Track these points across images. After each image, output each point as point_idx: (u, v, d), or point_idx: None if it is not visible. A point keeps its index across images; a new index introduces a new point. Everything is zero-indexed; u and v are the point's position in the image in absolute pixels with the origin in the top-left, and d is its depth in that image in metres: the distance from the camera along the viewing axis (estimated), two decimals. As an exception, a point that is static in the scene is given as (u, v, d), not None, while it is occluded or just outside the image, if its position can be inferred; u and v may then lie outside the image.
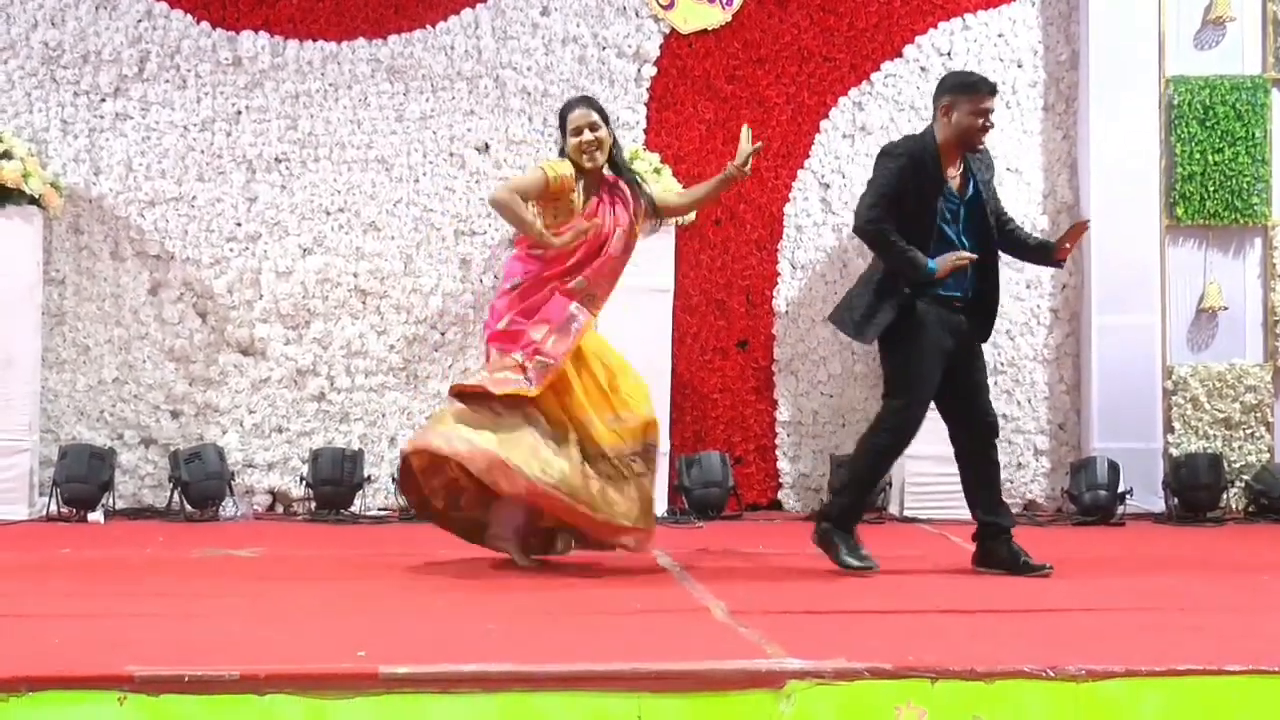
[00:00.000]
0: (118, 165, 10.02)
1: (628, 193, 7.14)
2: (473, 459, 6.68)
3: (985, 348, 7.15)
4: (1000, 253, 7.13)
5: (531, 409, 6.81)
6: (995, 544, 6.98)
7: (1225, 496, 10.01)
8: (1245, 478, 10.22)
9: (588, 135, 6.94)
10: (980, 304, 7.04)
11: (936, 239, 6.86)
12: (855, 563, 6.83)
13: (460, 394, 6.97)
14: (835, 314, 7.21)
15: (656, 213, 7.35)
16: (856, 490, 7.04)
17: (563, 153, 7.10)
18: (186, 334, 10.05)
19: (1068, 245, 7.14)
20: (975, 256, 6.86)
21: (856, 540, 6.93)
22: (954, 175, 6.94)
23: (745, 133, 7.07)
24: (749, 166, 7.08)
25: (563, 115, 7.09)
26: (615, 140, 7.14)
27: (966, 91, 6.89)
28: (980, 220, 7.00)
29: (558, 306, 6.94)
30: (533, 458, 6.67)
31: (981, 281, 7.00)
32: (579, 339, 6.92)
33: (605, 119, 7.04)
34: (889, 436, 7.00)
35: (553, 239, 6.86)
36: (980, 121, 6.86)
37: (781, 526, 9.54)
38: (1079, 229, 7.17)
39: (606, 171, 7.11)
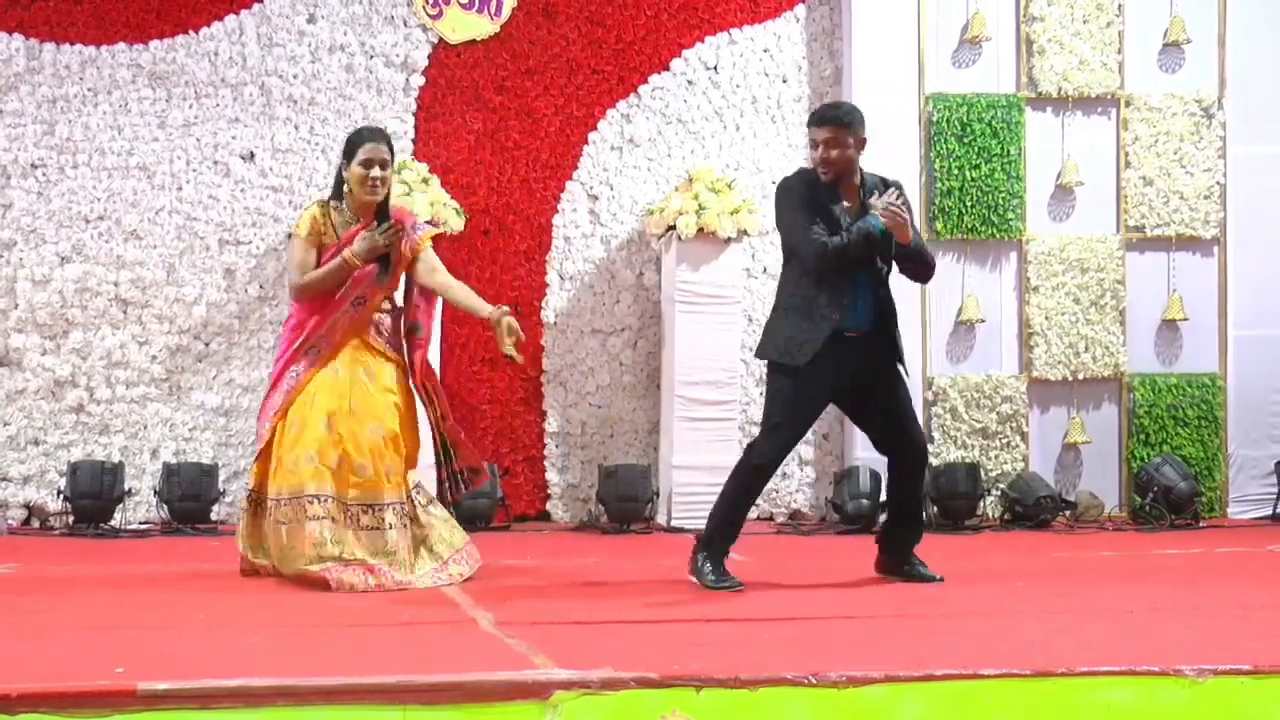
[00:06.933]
0: None
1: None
2: None
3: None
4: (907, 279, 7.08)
5: None
6: (896, 553, 7.05)
7: (982, 505, 10.24)
8: (1001, 486, 10.46)
9: (375, 171, 6.77)
10: (881, 333, 6.86)
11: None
12: (716, 582, 6.66)
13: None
14: (760, 350, 6.99)
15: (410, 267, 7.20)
16: (721, 513, 6.85)
17: (339, 177, 6.91)
18: (-63, 344, 9.78)
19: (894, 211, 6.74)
20: (899, 189, 6.73)
21: (722, 565, 6.72)
22: (849, 205, 6.78)
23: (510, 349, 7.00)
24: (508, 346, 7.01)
25: (353, 142, 6.84)
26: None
27: (810, 125, 6.88)
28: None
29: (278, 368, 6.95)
30: None
31: (878, 311, 6.86)
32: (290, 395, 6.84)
33: (392, 159, 6.91)
34: (754, 461, 6.79)
35: (354, 259, 6.78)
36: (819, 153, 6.73)
37: (550, 537, 9.56)
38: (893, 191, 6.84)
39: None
